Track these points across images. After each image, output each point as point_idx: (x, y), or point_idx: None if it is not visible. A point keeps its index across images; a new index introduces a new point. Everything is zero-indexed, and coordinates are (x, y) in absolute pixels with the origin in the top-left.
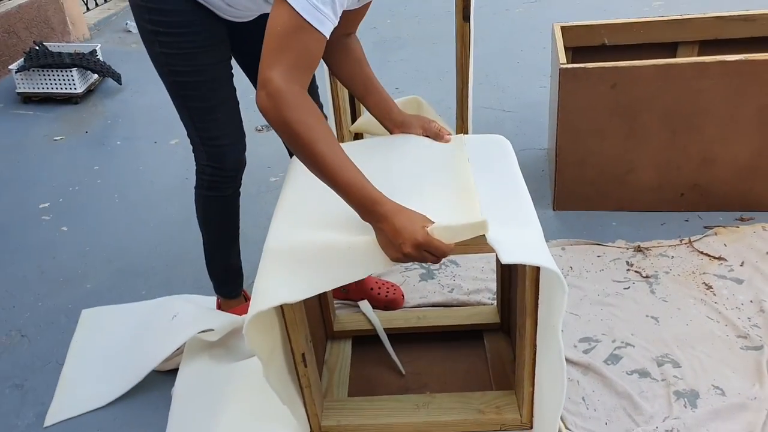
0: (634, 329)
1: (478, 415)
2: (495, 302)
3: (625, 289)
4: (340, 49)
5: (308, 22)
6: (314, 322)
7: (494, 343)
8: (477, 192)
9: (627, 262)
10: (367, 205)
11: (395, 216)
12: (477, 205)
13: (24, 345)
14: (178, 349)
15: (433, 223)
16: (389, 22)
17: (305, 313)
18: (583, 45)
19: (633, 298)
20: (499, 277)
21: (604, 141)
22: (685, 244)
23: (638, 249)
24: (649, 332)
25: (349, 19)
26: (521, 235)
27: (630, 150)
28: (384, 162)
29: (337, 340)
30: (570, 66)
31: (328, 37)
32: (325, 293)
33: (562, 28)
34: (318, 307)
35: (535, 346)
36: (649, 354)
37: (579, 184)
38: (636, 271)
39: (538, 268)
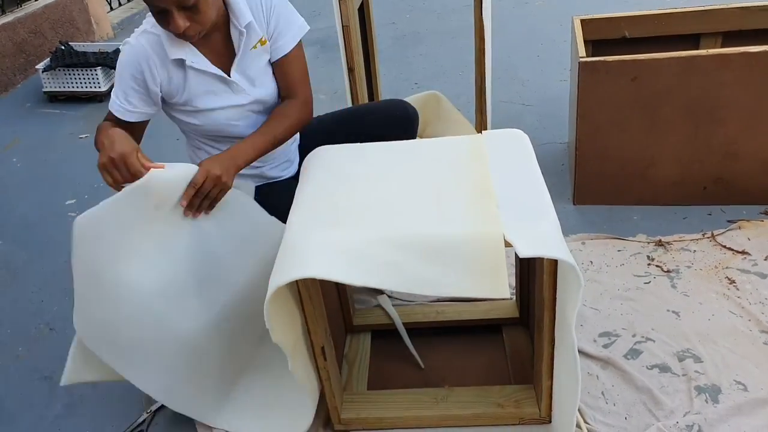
0: (654, 324)
1: (497, 409)
2: (514, 297)
3: (645, 283)
4: None
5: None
6: (333, 316)
7: (513, 337)
8: (494, 193)
9: (648, 257)
10: None
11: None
12: (495, 208)
13: (52, 338)
14: None
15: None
16: (408, 17)
17: (324, 306)
18: (604, 38)
19: (654, 292)
20: (518, 271)
21: (625, 135)
22: (708, 238)
23: (659, 243)
24: (670, 327)
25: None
26: (538, 228)
27: (651, 144)
28: (402, 162)
29: (356, 334)
30: (589, 59)
31: None
32: (344, 286)
33: (582, 21)
34: (337, 301)
35: (553, 340)
36: (669, 349)
37: (599, 178)
38: (657, 266)
39: (556, 262)
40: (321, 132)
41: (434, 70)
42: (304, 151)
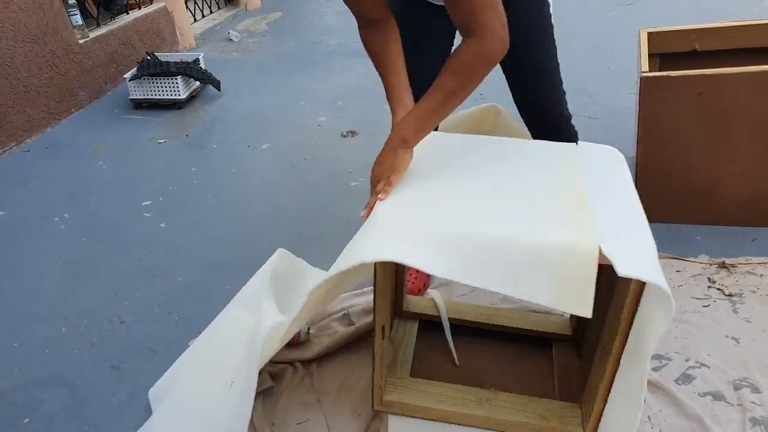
0: (710, 349)
1: (541, 422)
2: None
3: (704, 306)
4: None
5: None
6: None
7: (563, 353)
8: (590, 205)
9: (709, 279)
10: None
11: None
12: (591, 220)
13: (123, 331)
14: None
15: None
16: None
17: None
18: (673, 51)
19: (712, 316)
20: None
21: (690, 151)
22: None
23: (723, 265)
24: (728, 353)
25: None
26: (636, 247)
27: (718, 161)
28: (499, 160)
29: (404, 320)
30: (651, 74)
31: None
32: (402, 271)
33: (650, 34)
34: (393, 285)
35: (618, 365)
36: (725, 376)
37: (662, 195)
38: (718, 289)
39: (643, 285)
40: None
41: (499, 81)
42: None
